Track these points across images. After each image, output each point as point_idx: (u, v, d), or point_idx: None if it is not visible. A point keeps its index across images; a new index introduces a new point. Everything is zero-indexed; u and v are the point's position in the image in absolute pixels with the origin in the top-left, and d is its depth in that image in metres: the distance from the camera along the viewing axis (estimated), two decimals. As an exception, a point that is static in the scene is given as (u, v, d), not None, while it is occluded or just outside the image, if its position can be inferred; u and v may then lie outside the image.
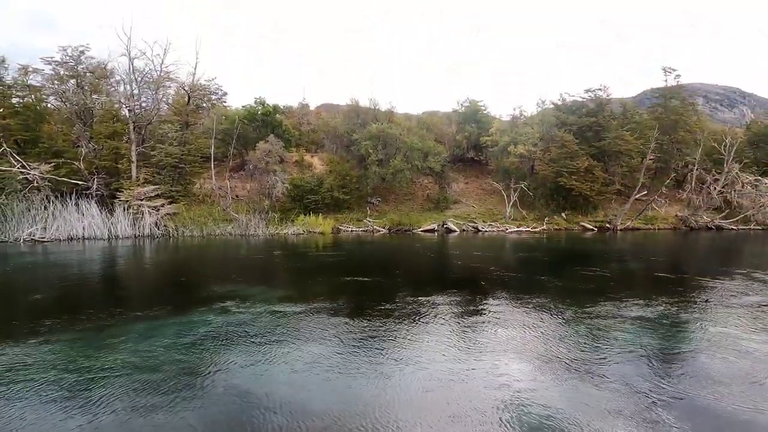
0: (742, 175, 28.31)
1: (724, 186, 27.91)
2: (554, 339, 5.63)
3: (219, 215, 23.00)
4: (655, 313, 6.82)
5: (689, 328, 6.20)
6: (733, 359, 4.91)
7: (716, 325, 6.22)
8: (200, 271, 12.24)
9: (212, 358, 4.95)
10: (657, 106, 32.35)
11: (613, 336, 5.70)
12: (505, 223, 25.62)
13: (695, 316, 6.77)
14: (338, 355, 5.04)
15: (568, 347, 5.29)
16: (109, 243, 18.21)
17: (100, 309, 7.21)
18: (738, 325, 6.24)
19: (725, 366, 4.71)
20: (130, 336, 5.77)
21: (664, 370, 4.61)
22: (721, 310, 7.14)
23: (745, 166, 28.75)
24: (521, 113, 31.23)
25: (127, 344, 5.44)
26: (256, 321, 6.43)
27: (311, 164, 29.86)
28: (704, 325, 6.27)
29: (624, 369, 4.60)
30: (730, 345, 5.39)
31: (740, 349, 5.23)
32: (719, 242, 20.55)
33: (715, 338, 5.67)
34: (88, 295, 8.73)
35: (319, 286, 9.87)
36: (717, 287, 8.90)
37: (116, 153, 22.87)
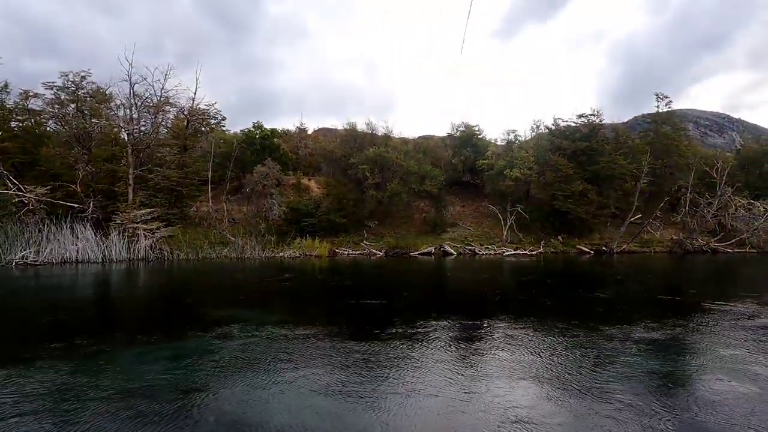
0: (735, 199, 28.64)
1: (717, 209, 28.17)
2: (561, 364, 5.53)
3: (215, 238, 22.89)
4: (659, 336, 6.74)
5: (692, 351, 6.12)
6: (737, 383, 4.83)
7: (720, 348, 6.15)
8: (195, 295, 12.06)
9: (205, 384, 4.81)
10: (649, 131, 33.04)
11: (621, 360, 5.61)
12: (502, 246, 25.61)
13: (698, 339, 6.69)
14: (335, 381, 4.91)
15: (574, 371, 5.19)
16: (103, 266, 17.99)
17: (91, 334, 7.05)
18: (742, 349, 6.16)
19: (730, 390, 4.62)
20: (122, 362, 5.62)
21: (670, 393, 4.51)
22: (724, 333, 7.07)
23: (738, 190, 29.13)
24: (516, 137, 31.77)
25: (119, 370, 5.29)
26: (252, 346, 6.30)
27: (308, 187, 30.00)
28: (708, 348, 6.19)
29: (630, 392, 4.50)
30: (735, 369, 5.31)
31: (746, 373, 5.16)
32: (716, 265, 20.58)
33: (720, 362, 5.59)
34: (80, 320, 8.55)
35: (315, 310, 9.73)
36: (718, 310, 8.85)
37: (113, 176, 22.92)
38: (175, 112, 26.94)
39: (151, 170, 22.89)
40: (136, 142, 23.48)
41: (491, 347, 6.29)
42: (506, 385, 4.79)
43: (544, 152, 28.84)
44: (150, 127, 25.33)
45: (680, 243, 26.97)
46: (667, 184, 30.80)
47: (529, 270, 17.93)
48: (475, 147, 31.78)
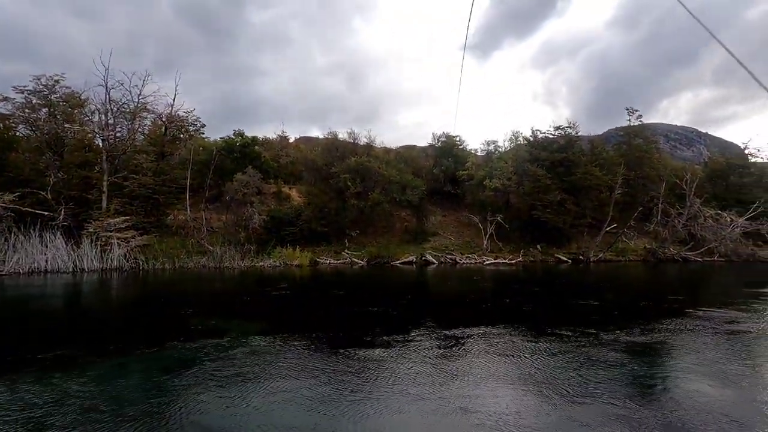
0: (704, 210, 29.76)
1: (687, 219, 29.20)
2: (546, 369, 5.58)
3: (193, 247, 22.38)
4: (640, 341, 6.90)
5: (671, 355, 6.29)
6: (716, 385, 4.98)
7: (699, 352, 6.33)
8: (171, 306, 11.73)
9: (181, 398, 4.67)
10: (622, 144, 34.16)
11: (604, 364, 5.70)
12: (483, 255, 25.88)
13: (677, 344, 6.88)
14: (315, 392, 4.84)
15: (558, 376, 5.25)
16: (73, 276, 17.34)
17: (60, 348, 6.77)
18: (718, 352, 6.36)
19: (709, 391, 4.76)
20: (93, 375, 5.40)
21: (652, 396, 4.61)
22: (701, 338, 7.29)
23: (706, 201, 30.30)
24: (495, 148, 32.32)
25: (88, 385, 5.08)
26: (230, 357, 6.15)
27: (289, 196, 29.74)
28: (687, 352, 6.37)
29: (614, 395, 4.58)
30: (712, 372, 5.47)
31: (722, 376, 5.32)
32: (688, 274, 21.27)
33: (697, 365, 5.76)
34: (48, 333, 8.19)
35: (296, 319, 9.59)
36: (694, 316, 9.13)
37: (86, 183, 22.22)
38: (152, 118, 26.44)
39: (127, 177, 22.31)
40: (111, 148, 22.89)
41: (478, 354, 6.31)
42: (499, 393, 4.81)
43: (522, 163, 29.44)
44: (126, 133, 24.76)
45: (653, 252, 27.80)
46: (640, 195, 31.81)
47: (509, 279, 18.15)
48: (456, 157, 32.20)
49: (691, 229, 29.23)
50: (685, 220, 29.03)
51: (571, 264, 25.21)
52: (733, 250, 28.52)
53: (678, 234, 28.83)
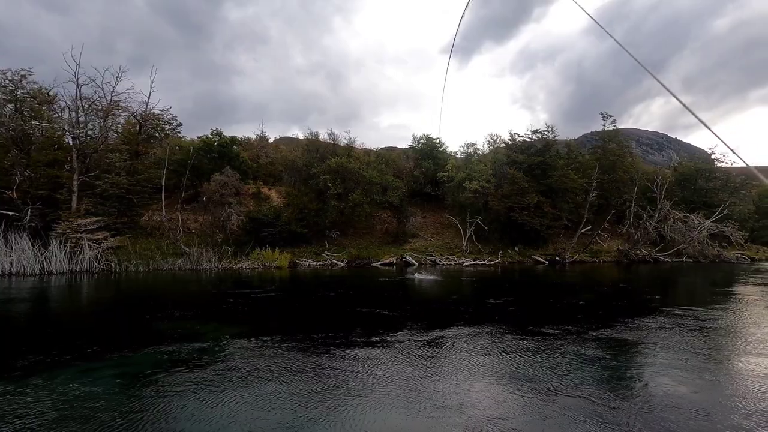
0: (673, 212, 30.88)
1: (658, 222, 30.23)
2: (523, 366, 5.66)
3: (168, 249, 21.84)
4: (616, 337, 7.08)
5: (644, 351, 6.47)
6: (685, 378, 5.15)
7: (668, 348, 6.54)
8: (143, 310, 11.40)
9: (153, 404, 4.53)
10: (597, 148, 35.14)
11: (584, 361, 5.82)
12: (462, 257, 26.14)
13: (649, 341, 7.09)
14: (290, 395, 4.78)
15: (537, 371, 5.33)
16: (40, 279, 16.66)
17: (24, 353, 6.48)
18: (687, 348, 6.59)
19: (678, 384, 4.92)
20: (60, 383, 5.19)
21: (624, 391, 4.73)
22: (671, 334, 7.53)
23: (675, 204, 31.46)
24: (475, 150, 32.73)
25: (55, 392, 4.88)
26: (204, 361, 6.01)
27: (268, 197, 29.38)
28: (658, 349, 6.57)
29: (587, 389, 4.68)
30: (680, 366, 5.66)
31: (690, 370, 5.51)
32: (657, 274, 21.99)
33: (668, 360, 5.94)
34: (11, 338, 7.83)
35: (273, 322, 9.46)
36: (664, 314, 9.43)
37: (55, 182, 21.42)
38: (126, 116, 25.71)
39: (99, 177, 21.59)
40: (82, 146, 22.13)
41: (458, 354, 6.35)
42: (480, 391, 4.84)
43: (501, 166, 29.92)
44: (98, 131, 23.97)
45: (626, 253, 28.66)
46: (613, 198, 32.79)
47: (488, 279, 18.37)
48: (436, 159, 32.47)
49: (661, 231, 30.28)
50: (655, 222, 30.04)
51: (548, 265, 25.72)
52: (700, 252, 29.68)
53: (649, 235, 29.80)
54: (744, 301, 12.14)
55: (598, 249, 29.46)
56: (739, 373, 5.68)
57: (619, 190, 33.21)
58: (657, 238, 30.20)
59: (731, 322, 8.94)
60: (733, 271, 22.99)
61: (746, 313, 10.00)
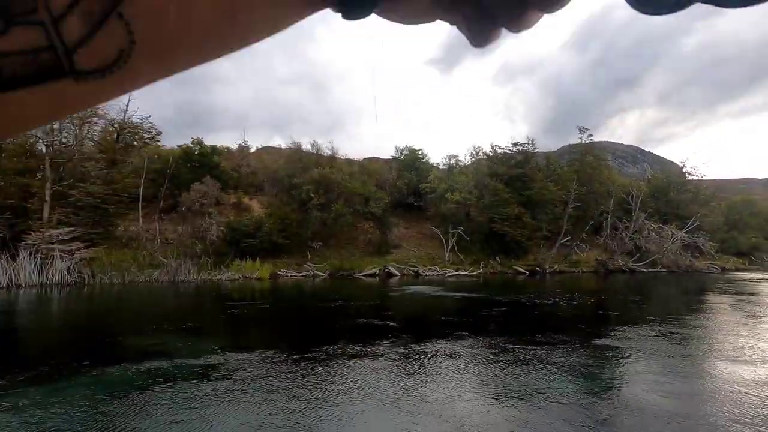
0: (648, 223, 31.83)
1: (633, 232, 31.09)
2: (506, 375, 5.68)
3: (145, 260, 21.27)
4: (594, 347, 7.19)
5: (622, 359, 6.58)
6: (659, 387, 5.25)
7: (644, 357, 6.67)
8: (117, 324, 11.03)
9: (124, 424, 4.36)
10: (575, 161, 36.02)
11: (563, 369, 5.87)
12: (444, 267, 26.26)
13: (627, 349, 7.22)
14: (267, 415, 4.67)
15: (521, 382, 5.35)
16: (8, 292, 15.96)
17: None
18: (661, 357, 6.73)
19: (653, 391, 5.01)
20: (24, 403, 4.94)
21: (601, 396, 4.79)
22: (646, 343, 7.69)
23: (650, 215, 32.44)
24: (456, 162, 33.14)
25: (22, 412, 4.64)
26: (179, 378, 5.83)
27: (249, 207, 29.01)
28: (635, 357, 6.69)
29: (565, 397, 4.72)
30: (655, 373, 5.77)
31: (664, 379, 5.62)
32: (634, 283, 22.52)
33: (643, 367, 6.06)
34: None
35: (252, 337, 9.27)
36: (641, 323, 9.64)
37: (26, 191, 20.68)
38: (103, 124, 25.13)
39: (73, 186, 20.95)
40: (55, 154, 21.49)
41: (441, 364, 6.34)
42: (464, 401, 4.82)
43: (482, 177, 30.35)
44: (74, 138, 23.34)
45: (603, 263, 29.32)
46: (591, 209, 33.58)
47: (470, 290, 18.46)
48: (419, 170, 32.72)
49: (637, 242, 31.13)
50: (631, 233, 30.89)
51: (529, 275, 26.06)
52: (674, 262, 30.61)
53: (625, 246, 30.60)
54: (718, 311, 12.54)
55: (578, 259, 30.04)
56: (716, 380, 5.84)
57: (597, 201, 34.05)
58: (633, 248, 31.01)
59: (707, 331, 9.20)
60: (705, 280, 23.76)
61: (721, 322, 10.32)
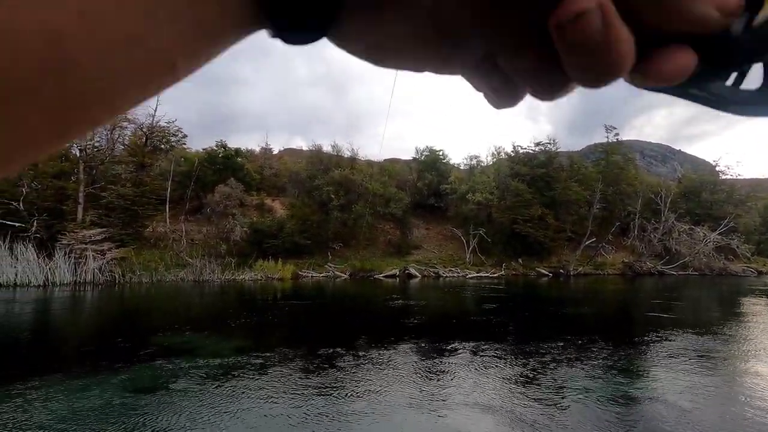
0: (678, 224, 30.71)
1: (663, 234, 30.06)
2: (529, 384, 5.61)
3: (172, 260, 21.90)
4: (620, 358, 7.00)
5: (648, 372, 6.39)
6: (687, 403, 5.07)
7: (669, 371, 6.46)
8: (146, 322, 11.41)
9: (152, 418, 4.51)
10: (601, 160, 35.10)
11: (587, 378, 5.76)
12: (465, 269, 26.03)
13: (653, 361, 7.01)
14: (293, 416, 4.74)
15: (538, 388, 5.28)
16: (44, 290, 16.73)
17: (25, 366, 6.49)
18: (690, 371, 6.50)
19: (676, 412, 4.85)
20: (56, 397, 5.18)
21: (621, 413, 4.67)
22: (676, 356, 7.44)
23: (680, 216, 31.28)
24: (478, 162, 32.83)
25: (51, 407, 4.87)
26: (204, 375, 5.99)
27: (272, 208, 29.50)
28: (660, 371, 6.49)
29: (585, 408, 4.62)
30: (683, 389, 5.58)
31: (694, 395, 5.43)
32: (663, 287, 21.77)
33: (668, 384, 5.87)
34: (12, 350, 7.85)
35: (275, 337, 9.43)
36: (671, 332, 9.32)
37: (62, 193, 21.64)
38: (133, 128, 26.04)
39: (105, 188, 21.81)
40: (88, 158, 22.40)
41: (460, 371, 6.30)
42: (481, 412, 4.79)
43: (504, 177, 29.95)
44: (105, 143, 24.29)
45: (630, 266, 28.45)
46: (617, 210, 32.64)
47: (492, 292, 18.25)
48: (439, 171, 32.55)
49: (666, 244, 30.08)
50: (660, 235, 29.87)
51: (552, 277, 25.55)
52: (706, 264, 29.42)
53: (654, 248, 29.61)
54: (756, 315, 12.00)
55: (603, 261, 29.25)
56: (758, 390, 5.60)
57: (623, 202, 33.07)
58: (662, 250, 29.97)
59: (745, 337, 8.82)
60: (740, 284, 22.75)
61: (760, 328, 9.88)
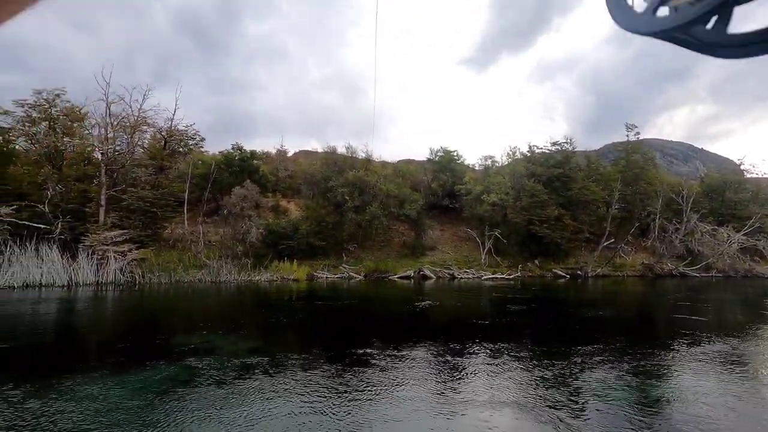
0: (701, 225, 29.88)
1: (684, 235, 29.29)
2: (548, 390, 5.54)
3: (189, 261, 22.29)
4: (641, 363, 6.86)
5: (670, 378, 6.24)
6: (711, 410, 4.94)
7: (697, 375, 6.30)
8: (166, 322, 11.64)
9: (172, 416, 4.60)
10: (620, 160, 34.37)
11: (606, 385, 5.66)
12: (480, 270, 25.81)
13: (676, 366, 6.84)
14: (309, 415, 4.78)
15: (558, 394, 5.20)
16: (68, 290, 17.21)
17: (53, 363, 6.69)
18: (714, 378, 6.32)
19: (704, 415, 4.72)
20: (78, 396, 5.32)
21: (648, 418, 4.57)
22: (701, 359, 7.25)
23: (703, 216, 30.43)
24: (493, 163, 32.52)
25: (78, 403, 5.00)
26: (223, 375, 6.08)
27: (287, 210, 29.76)
28: (685, 375, 6.33)
29: (605, 417, 4.54)
30: (708, 398, 5.43)
31: (718, 401, 5.28)
32: (685, 289, 21.22)
33: (697, 388, 5.72)
34: (40, 348, 8.09)
35: (292, 337, 9.51)
36: (693, 335, 9.09)
37: (85, 196, 22.24)
38: (152, 132, 26.61)
39: (125, 190, 22.34)
40: (110, 161, 22.97)
41: (478, 373, 6.26)
42: (497, 415, 4.75)
43: (519, 178, 29.58)
44: (125, 146, 24.87)
45: (651, 267, 27.79)
46: (637, 210, 31.92)
47: (507, 294, 18.07)
48: (454, 172, 32.36)
49: (688, 245, 29.31)
50: (682, 235, 29.12)
51: (569, 279, 25.15)
52: (730, 266, 28.56)
53: (675, 249, 28.88)
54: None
55: (622, 263, 28.66)
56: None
57: (643, 202, 32.30)
58: (684, 251, 29.21)
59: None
60: (767, 285, 22.01)
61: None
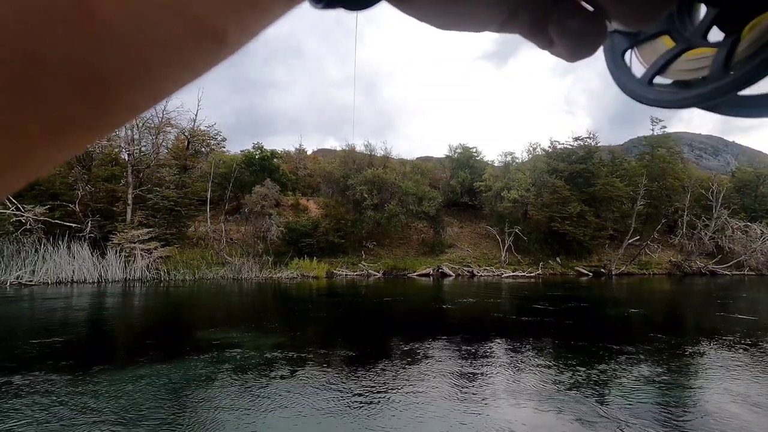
0: (732, 221, 28.77)
1: (714, 232, 28.26)
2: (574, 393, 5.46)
3: (212, 259, 22.79)
4: (668, 366, 6.68)
5: (702, 378, 6.06)
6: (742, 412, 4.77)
7: (730, 377, 6.09)
8: (189, 318, 11.94)
9: (197, 409, 4.73)
10: (645, 154, 33.37)
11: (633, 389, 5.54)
12: (501, 268, 25.52)
13: (703, 369, 6.64)
14: (332, 411, 4.83)
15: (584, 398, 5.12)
16: (98, 287, 17.85)
17: (81, 358, 6.95)
18: (745, 382, 6.10)
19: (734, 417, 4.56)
20: (115, 387, 5.52)
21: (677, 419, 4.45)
22: (732, 361, 7.01)
23: (734, 212, 29.28)
24: (513, 159, 32.08)
25: (111, 396, 5.19)
26: (246, 370, 6.20)
27: (307, 208, 30.06)
28: (719, 377, 6.14)
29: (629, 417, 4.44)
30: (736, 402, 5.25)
31: (748, 406, 5.10)
32: (715, 288, 20.49)
33: (728, 390, 5.54)
34: (74, 343, 8.42)
35: (314, 333, 9.62)
36: (727, 337, 8.79)
37: (112, 196, 22.99)
38: (176, 133, 27.27)
39: (151, 190, 22.99)
40: (136, 162, 23.66)
41: (498, 372, 6.21)
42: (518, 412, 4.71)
43: (541, 174, 29.09)
44: (150, 147, 25.59)
45: (678, 265, 26.94)
46: (664, 207, 30.94)
47: (528, 292, 17.81)
48: (473, 168, 32.04)
49: (718, 242, 28.28)
50: (711, 233, 28.11)
51: (593, 277, 24.61)
52: (764, 264, 27.41)
53: (704, 247, 27.89)
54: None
55: (648, 261, 27.86)
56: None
57: (670, 198, 31.28)
58: (714, 249, 28.17)
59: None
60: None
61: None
